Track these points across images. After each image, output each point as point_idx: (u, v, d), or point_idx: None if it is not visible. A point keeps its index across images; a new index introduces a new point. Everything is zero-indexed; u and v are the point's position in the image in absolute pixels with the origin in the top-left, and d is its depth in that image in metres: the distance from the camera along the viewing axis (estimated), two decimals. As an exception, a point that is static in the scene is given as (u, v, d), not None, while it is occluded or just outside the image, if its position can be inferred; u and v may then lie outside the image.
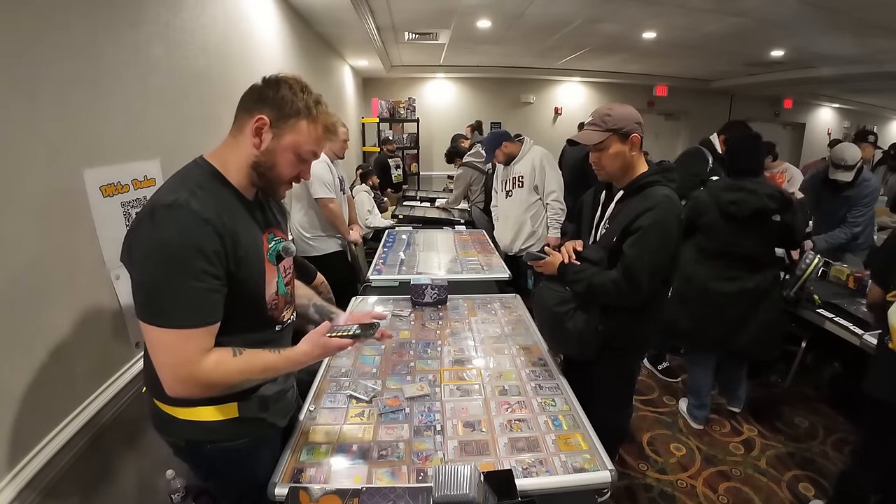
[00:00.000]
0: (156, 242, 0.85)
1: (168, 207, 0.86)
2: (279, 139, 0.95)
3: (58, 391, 1.13)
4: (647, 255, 1.40)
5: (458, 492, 0.96)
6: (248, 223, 0.98)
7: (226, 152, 0.98)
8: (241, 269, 0.94)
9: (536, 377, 1.58)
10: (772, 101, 8.75)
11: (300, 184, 3.04)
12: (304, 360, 1.02)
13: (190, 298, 0.86)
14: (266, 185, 1.02)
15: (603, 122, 1.46)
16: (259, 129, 0.94)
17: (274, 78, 0.96)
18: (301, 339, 1.04)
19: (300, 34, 3.50)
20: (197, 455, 1.07)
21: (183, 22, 1.73)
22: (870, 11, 3.46)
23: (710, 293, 2.20)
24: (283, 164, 0.98)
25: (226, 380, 0.94)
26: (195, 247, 0.85)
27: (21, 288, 1.01)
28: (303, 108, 0.95)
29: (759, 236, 2.13)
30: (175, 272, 0.85)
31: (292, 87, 0.95)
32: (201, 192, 0.90)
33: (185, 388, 0.91)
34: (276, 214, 1.14)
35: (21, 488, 0.98)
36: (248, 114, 0.95)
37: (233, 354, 0.94)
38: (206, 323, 0.90)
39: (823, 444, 2.39)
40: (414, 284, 2.16)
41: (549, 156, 3.06)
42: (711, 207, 2.16)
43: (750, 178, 2.13)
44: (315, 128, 0.98)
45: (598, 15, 4.01)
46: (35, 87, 1.05)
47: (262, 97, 0.95)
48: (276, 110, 0.94)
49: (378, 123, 6.81)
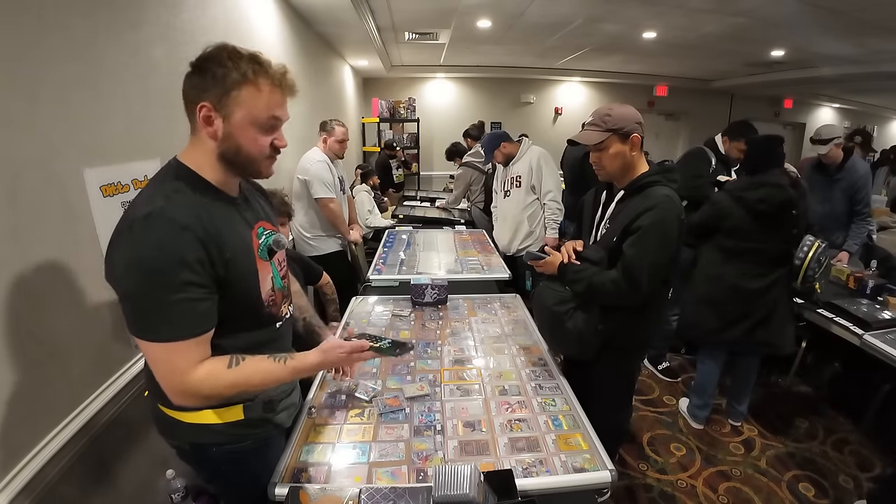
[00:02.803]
0: (135, 257, 0.81)
1: (145, 219, 0.82)
2: (230, 119, 0.87)
3: (57, 391, 1.13)
4: (647, 255, 1.40)
5: (458, 492, 0.96)
6: (233, 222, 0.95)
7: (195, 152, 0.93)
8: (231, 271, 0.91)
9: (536, 377, 1.58)
10: (772, 101, 8.74)
11: (300, 184, 3.02)
12: (314, 371, 0.99)
13: (175, 311, 0.83)
14: (245, 170, 0.96)
15: (603, 122, 1.46)
16: (207, 117, 0.87)
17: (199, 59, 0.88)
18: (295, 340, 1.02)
19: (300, 34, 3.50)
20: (202, 458, 1.06)
21: (183, 23, 1.73)
22: (869, 11, 3.46)
23: (741, 291, 2.18)
24: (248, 142, 0.90)
25: (216, 393, 0.91)
26: (176, 258, 0.82)
27: (21, 288, 1.01)
28: (239, 77, 0.85)
29: (781, 230, 2.13)
30: (157, 286, 0.82)
31: (220, 60, 0.85)
32: (179, 197, 0.87)
33: (182, 399, 0.90)
34: (264, 206, 1.10)
35: (21, 488, 0.98)
36: (193, 107, 0.88)
37: (228, 365, 0.91)
38: (195, 334, 0.87)
39: (823, 444, 2.39)
40: (414, 284, 2.16)
41: (546, 156, 3.05)
42: (736, 209, 2.13)
43: (770, 172, 2.13)
44: (261, 91, 0.88)
45: (598, 15, 4.01)
46: (36, 88, 1.05)
47: (196, 84, 0.87)
48: (215, 91, 0.86)
49: (378, 123, 6.80)
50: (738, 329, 2.21)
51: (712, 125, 2.97)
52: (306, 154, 2.88)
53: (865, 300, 2.32)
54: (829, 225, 2.90)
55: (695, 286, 2.34)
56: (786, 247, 2.16)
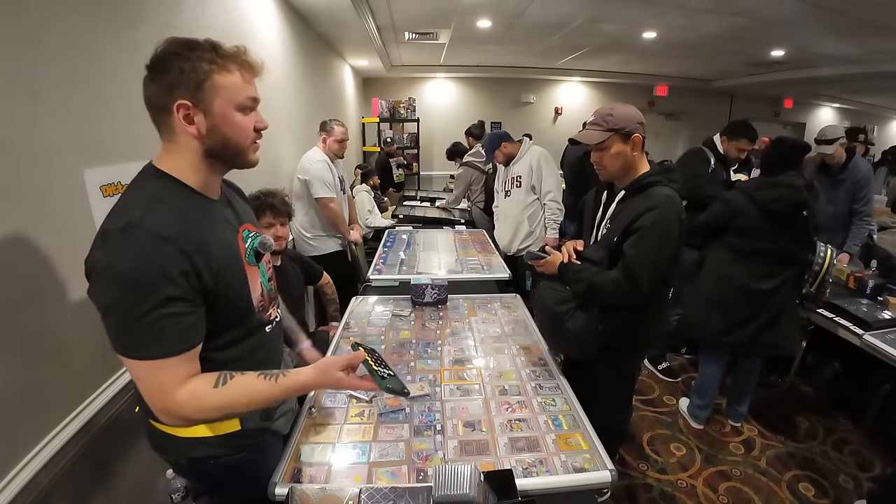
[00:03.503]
0: (113, 272, 0.76)
1: (122, 231, 0.77)
2: (210, 110, 0.84)
3: (58, 391, 1.13)
4: (647, 255, 1.40)
5: (458, 492, 0.96)
6: (218, 228, 0.91)
7: (172, 157, 0.88)
8: (220, 281, 0.87)
9: (536, 377, 1.58)
10: (772, 101, 8.74)
11: (300, 184, 3.01)
12: (307, 389, 0.94)
13: (157, 328, 0.78)
14: (233, 161, 0.92)
15: (605, 121, 1.46)
16: (187, 116, 0.83)
17: (155, 60, 0.83)
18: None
19: (300, 34, 3.50)
20: (199, 472, 1.04)
21: (183, 22, 1.73)
22: (869, 11, 3.46)
23: (750, 292, 2.17)
24: (233, 129, 0.87)
25: (201, 415, 0.86)
26: (157, 272, 0.77)
27: (21, 287, 1.01)
28: (207, 66, 0.82)
29: (793, 231, 2.12)
30: (137, 302, 0.77)
31: (180, 55, 0.82)
32: (160, 207, 0.82)
33: (168, 419, 0.85)
34: (245, 207, 1.07)
35: (21, 489, 0.98)
36: (165, 111, 0.84)
37: (214, 384, 0.86)
38: (180, 350, 0.82)
39: (823, 444, 2.39)
40: (414, 284, 2.16)
41: (547, 156, 3.05)
42: (749, 209, 2.13)
43: (787, 173, 2.12)
44: (232, 73, 0.85)
45: (599, 15, 4.01)
46: (36, 87, 1.05)
47: (162, 86, 0.82)
48: (187, 86, 0.82)
49: (378, 123, 6.80)
50: (746, 331, 2.20)
51: (712, 125, 2.96)
52: (306, 154, 2.88)
53: (865, 300, 2.32)
54: (833, 226, 2.90)
55: (702, 287, 2.33)
56: (795, 247, 2.16)
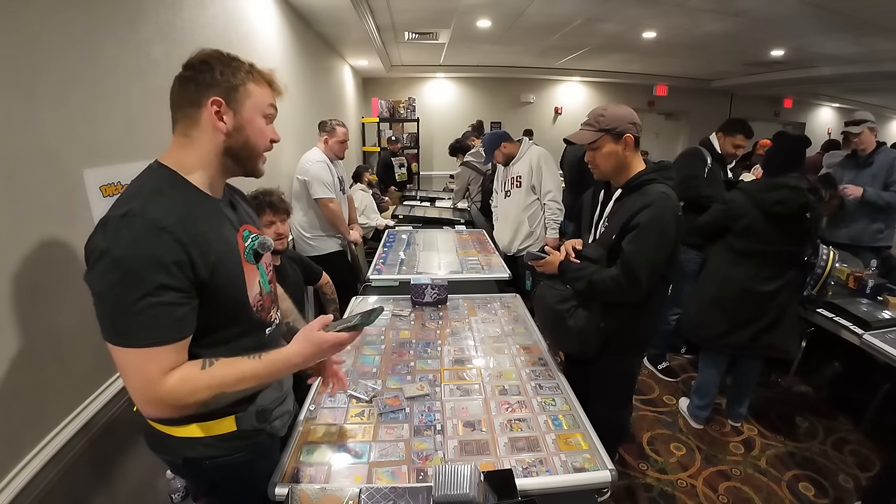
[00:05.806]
0: (109, 257, 0.78)
1: (121, 218, 0.80)
2: (240, 111, 0.91)
3: (58, 391, 1.13)
4: (645, 252, 1.41)
5: (458, 491, 0.96)
6: (218, 224, 0.93)
7: (181, 153, 0.91)
8: (216, 275, 0.87)
9: (536, 377, 1.58)
10: (772, 100, 8.75)
11: (300, 184, 3.01)
12: (295, 361, 0.94)
13: (149, 315, 0.79)
14: (246, 164, 0.97)
15: (597, 121, 1.48)
16: (218, 112, 0.89)
17: (197, 62, 0.90)
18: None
19: (300, 34, 3.50)
20: (195, 472, 1.04)
21: (183, 22, 1.73)
22: (869, 11, 3.46)
23: (751, 294, 2.16)
24: (255, 133, 0.94)
25: (193, 398, 0.85)
26: (152, 259, 0.79)
27: (21, 287, 1.01)
28: (244, 74, 0.92)
29: (796, 233, 2.11)
30: (131, 288, 0.78)
31: (223, 61, 0.90)
32: (161, 198, 0.84)
33: (155, 410, 0.86)
34: (247, 209, 1.09)
35: (21, 489, 0.98)
36: (196, 105, 0.89)
37: (201, 367, 0.87)
38: (170, 340, 0.83)
39: (823, 444, 2.39)
40: (414, 284, 2.16)
41: (546, 156, 3.04)
42: (751, 210, 2.11)
43: (791, 174, 2.10)
44: (262, 86, 0.95)
45: (598, 15, 4.01)
46: (35, 87, 1.05)
47: (201, 83, 0.89)
48: (224, 87, 0.89)
49: (378, 123, 6.80)
50: (746, 332, 2.20)
51: (712, 125, 2.95)
52: (306, 154, 2.88)
53: (865, 300, 2.32)
54: (858, 215, 2.89)
55: (702, 287, 2.32)
56: (797, 249, 2.16)
